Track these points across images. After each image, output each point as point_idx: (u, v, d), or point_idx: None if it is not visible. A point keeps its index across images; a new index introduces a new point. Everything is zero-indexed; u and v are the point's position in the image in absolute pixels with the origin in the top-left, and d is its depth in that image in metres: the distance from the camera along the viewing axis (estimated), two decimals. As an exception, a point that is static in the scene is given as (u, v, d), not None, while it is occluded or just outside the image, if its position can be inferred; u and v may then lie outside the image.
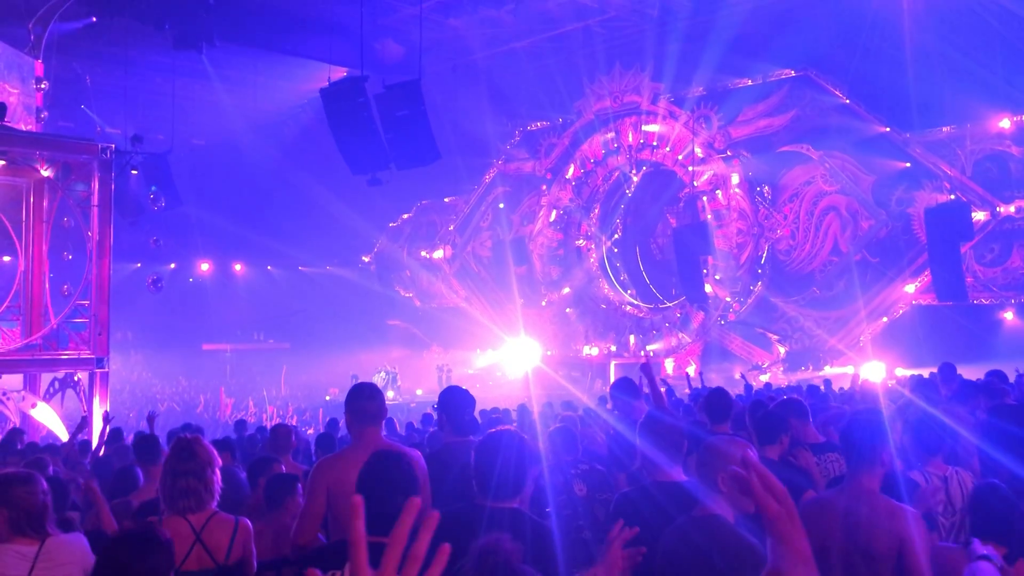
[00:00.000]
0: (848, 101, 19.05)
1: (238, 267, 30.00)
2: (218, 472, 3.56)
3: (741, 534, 2.97)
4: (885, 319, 18.68)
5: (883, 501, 3.43)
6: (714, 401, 5.30)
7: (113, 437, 8.94)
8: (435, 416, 10.09)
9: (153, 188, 16.69)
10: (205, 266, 29.15)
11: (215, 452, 3.62)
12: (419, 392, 23.26)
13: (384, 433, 3.98)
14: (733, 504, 3.05)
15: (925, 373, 9.14)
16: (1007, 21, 16.02)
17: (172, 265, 27.55)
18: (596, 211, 24.97)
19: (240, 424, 10.54)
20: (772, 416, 4.80)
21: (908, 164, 18.33)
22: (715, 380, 15.45)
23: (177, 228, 23.44)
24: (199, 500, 3.45)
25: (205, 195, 23.10)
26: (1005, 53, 16.51)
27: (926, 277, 17.70)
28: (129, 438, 8.97)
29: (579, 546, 3.98)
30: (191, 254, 28.02)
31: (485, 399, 15.87)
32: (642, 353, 20.85)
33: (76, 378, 14.35)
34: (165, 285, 19.43)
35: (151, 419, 8.24)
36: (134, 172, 16.10)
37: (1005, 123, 17.04)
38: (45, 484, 3.49)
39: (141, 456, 5.77)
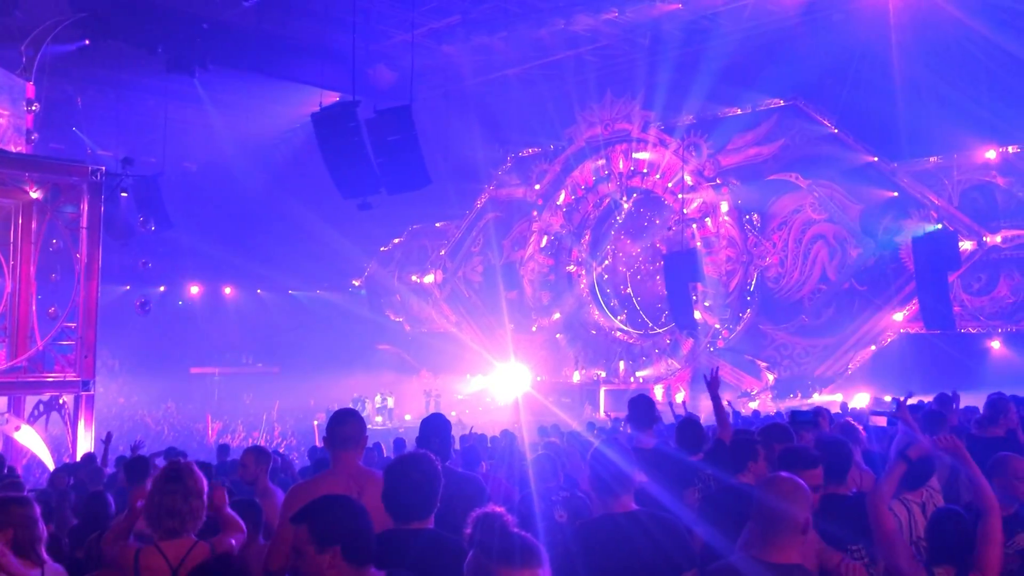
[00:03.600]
0: (837, 131, 19.20)
1: (228, 290, 29.86)
2: (204, 499, 3.60)
3: None
4: (873, 347, 18.73)
5: None
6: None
7: (87, 460, 8.87)
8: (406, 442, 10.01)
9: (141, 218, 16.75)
10: (195, 289, 29.05)
11: (204, 480, 3.65)
12: (408, 417, 23.05)
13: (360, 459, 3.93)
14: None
15: (912, 401, 9.13)
16: (993, 54, 16.18)
17: (162, 288, 27.42)
18: (587, 237, 25.03)
19: (223, 448, 10.40)
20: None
21: (896, 193, 18.46)
22: (705, 407, 15.41)
23: (167, 251, 23.36)
24: (183, 523, 3.49)
25: (196, 218, 22.99)
26: (991, 85, 16.70)
27: (914, 306, 17.77)
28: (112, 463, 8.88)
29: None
30: (181, 277, 27.92)
31: (475, 425, 15.82)
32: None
33: (61, 401, 14.24)
34: (154, 308, 19.36)
35: (136, 449, 8.18)
36: (124, 195, 16.10)
37: (991, 154, 17.22)
38: (38, 509, 3.58)
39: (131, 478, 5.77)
